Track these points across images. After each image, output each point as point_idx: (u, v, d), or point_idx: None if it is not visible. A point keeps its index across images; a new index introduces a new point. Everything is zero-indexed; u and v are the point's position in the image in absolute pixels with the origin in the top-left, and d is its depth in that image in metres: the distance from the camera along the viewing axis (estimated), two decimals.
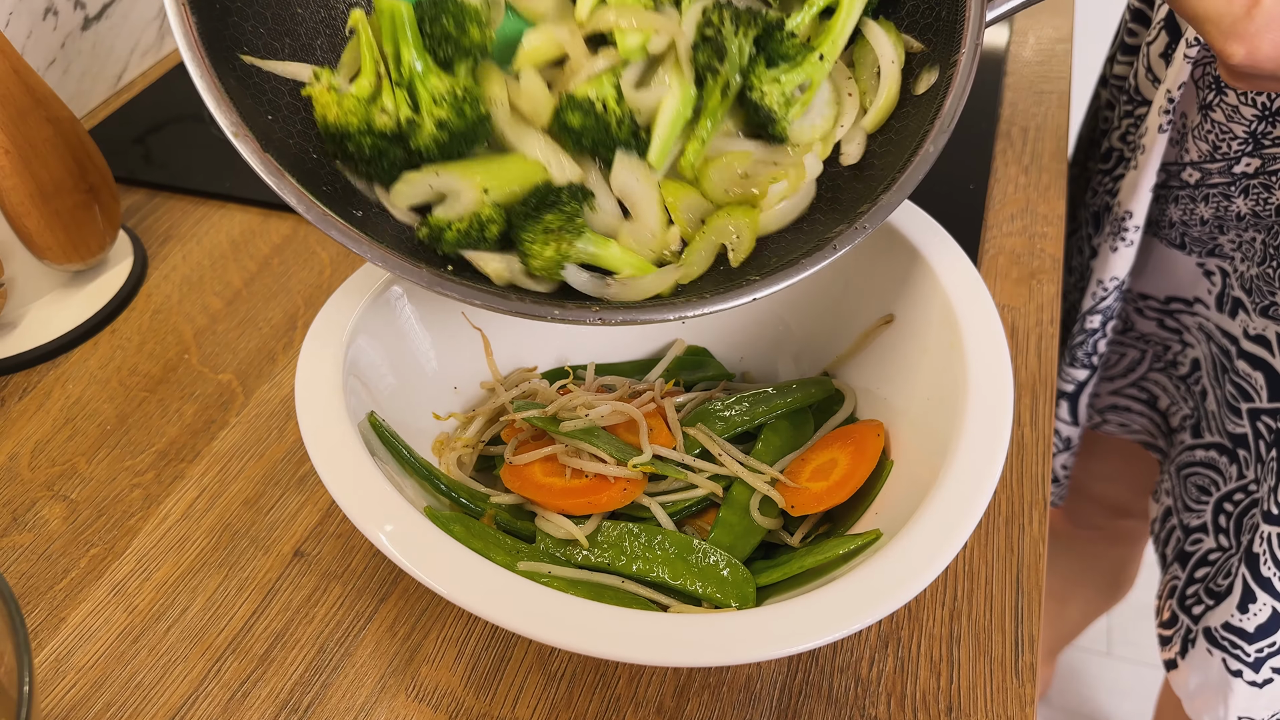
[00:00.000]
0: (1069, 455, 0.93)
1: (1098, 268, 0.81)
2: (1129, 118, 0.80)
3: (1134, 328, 0.86)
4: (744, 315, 0.62)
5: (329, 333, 0.50)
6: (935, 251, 0.53)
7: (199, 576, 0.56)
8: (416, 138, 0.47)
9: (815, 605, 0.39)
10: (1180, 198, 0.75)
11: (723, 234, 0.47)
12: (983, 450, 0.44)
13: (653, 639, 0.38)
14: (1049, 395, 0.64)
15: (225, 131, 0.44)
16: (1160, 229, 0.78)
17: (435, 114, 0.46)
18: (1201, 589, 0.76)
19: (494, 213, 0.47)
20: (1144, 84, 0.77)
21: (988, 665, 0.50)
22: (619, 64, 0.48)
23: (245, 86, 0.46)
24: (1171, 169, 0.75)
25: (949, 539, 0.41)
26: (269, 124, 0.47)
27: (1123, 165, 0.81)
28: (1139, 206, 0.75)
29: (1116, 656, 1.51)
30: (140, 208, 0.84)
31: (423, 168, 0.47)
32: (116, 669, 0.52)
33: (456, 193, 0.47)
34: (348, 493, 0.43)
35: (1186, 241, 0.76)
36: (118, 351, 0.71)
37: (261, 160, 0.44)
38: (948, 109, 0.47)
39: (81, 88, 0.95)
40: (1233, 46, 0.46)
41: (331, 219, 0.45)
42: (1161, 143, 0.72)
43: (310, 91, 0.47)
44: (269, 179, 0.44)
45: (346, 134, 0.47)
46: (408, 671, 0.51)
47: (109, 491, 0.61)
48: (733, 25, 0.47)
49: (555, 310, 0.46)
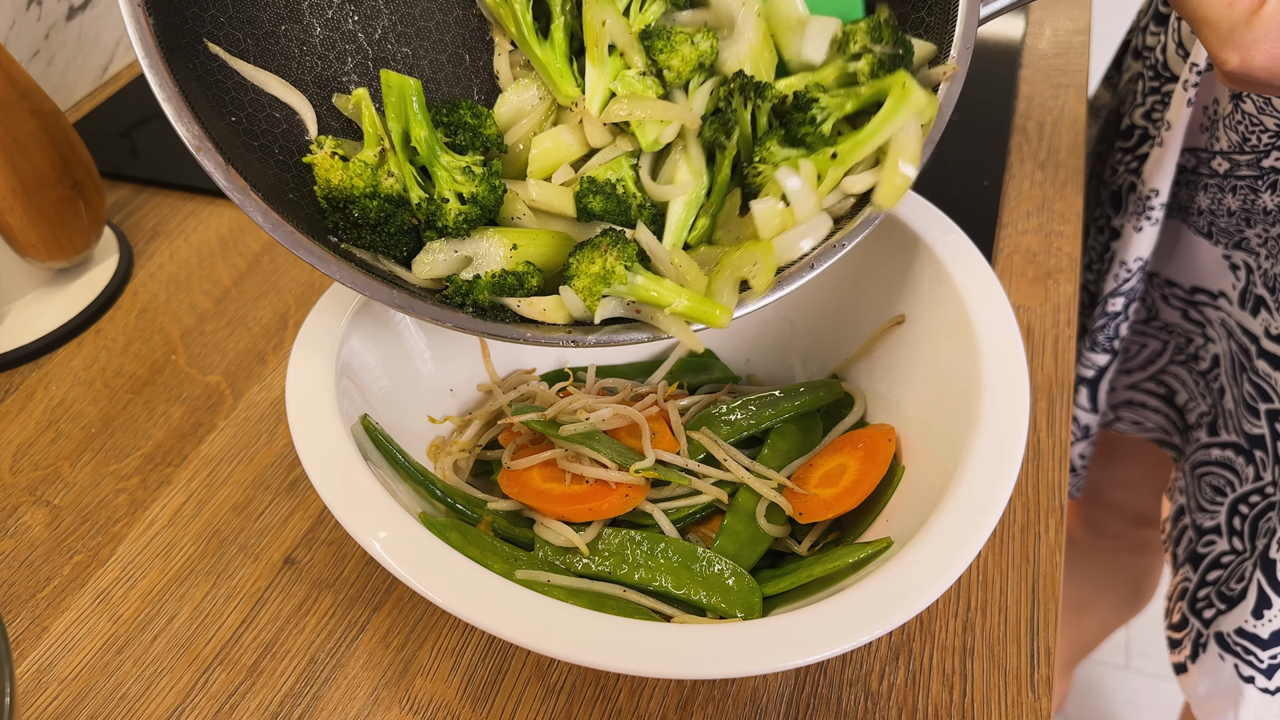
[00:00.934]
0: (1087, 444, 0.93)
1: (1120, 249, 0.81)
2: (1155, 94, 0.80)
3: (1158, 316, 0.86)
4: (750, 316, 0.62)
5: (321, 333, 0.50)
6: (948, 250, 0.53)
7: (186, 585, 0.56)
8: (443, 216, 0.47)
9: (823, 616, 0.39)
10: (1209, 186, 0.75)
11: (739, 269, 0.47)
12: (997, 456, 0.44)
13: (655, 650, 0.38)
14: (1066, 399, 0.63)
15: (186, 143, 0.44)
16: (1189, 215, 0.78)
17: (464, 188, 0.47)
18: (1213, 592, 0.76)
19: (528, 267, 0.47)
20: (1173, 58, 0.77)
21: (1002, 678, 0.50)
22: (635, 149, 0.49)
23: (206, 88, 0.46)
24: (1201, 155, 0.75)
25: (962, 548, 0.41)
26: (231, 128, 0.46)
27: (1147, 143, 0.81)
28: (1164, 184, 0.76)
29: (1135, 670, 1.51)
30: (126, 203, 0.84)
31: (446, 238, 0.48)
32: (100, 680, 0.52)
33: (484, 254, 0.47)
34: (340, 498, 0.43)
35: (1214, 231, 0.76)
36: (102, 352, 0.71)
37: (225, 174, 0.44)
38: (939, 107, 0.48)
39: (66, 80, 0.95)
40: (1228, 53, 0.47)
41: (300, 239, 0.44)
42: (1186, 117, 0.72)
43: (312, 159, 0.47)
44: (234, 195, 0.44)
45: (351, 198, 0.46)
46: (401, 683, 0.51)
47: (93, 497, 0.61)
48: (741, 97, 0.47)
49: (528, 333, 0.47)
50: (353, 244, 0.48)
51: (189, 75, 0.45)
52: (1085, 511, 1.12)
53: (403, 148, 0.47)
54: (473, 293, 0.46)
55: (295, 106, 0.48)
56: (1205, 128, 0.74)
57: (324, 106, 0.49)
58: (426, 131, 0.47)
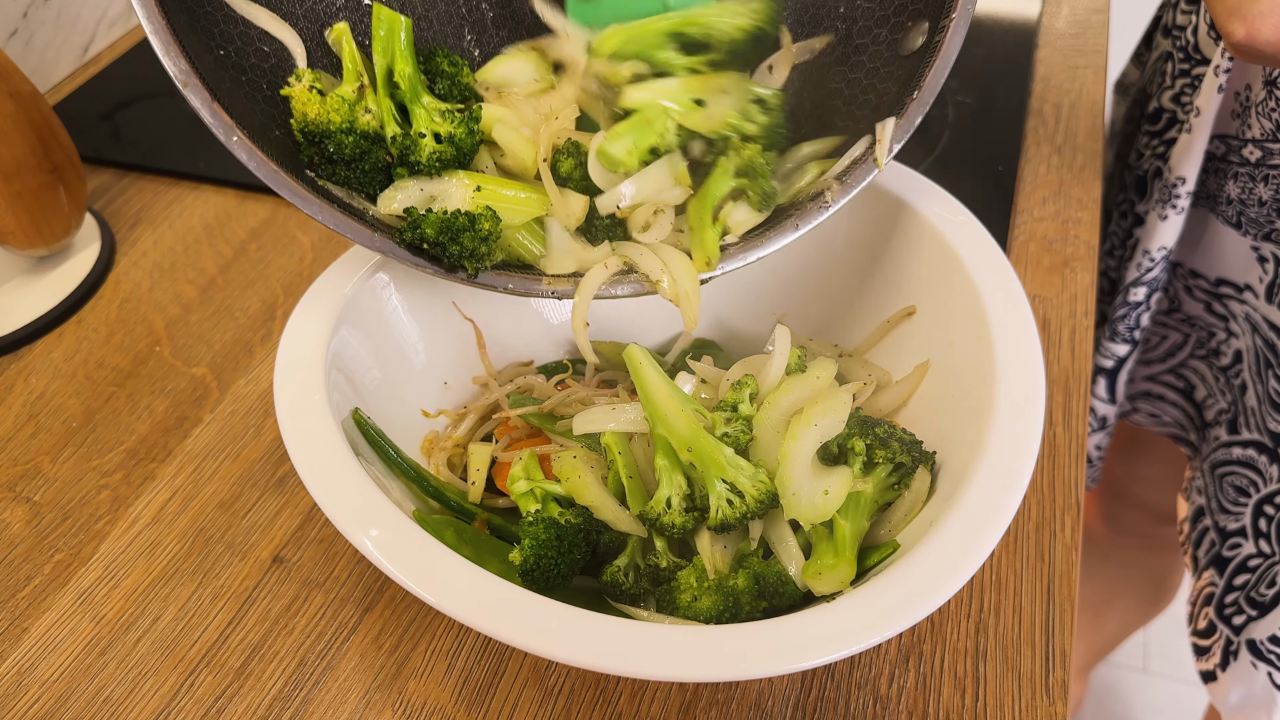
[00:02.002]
0: (1104, 435, 0.93)
1: (1144, 237, 0.81)
2: (1184, 77, 0.79)
3: (1180, 308, 0.86)
4: (757, 305, 0.62)
5: (310, 323, 0.50)
6: (961, 237, 0.53)
7: (171, 584, 0.56)
8: (417, 151, 0.48)
9: (830, 617, 0.39)
10: (1239, 174, 0.74)
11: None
12: (1011, 451, 0.44)
13: (657, 652, 0.38)
14: (1083, 392, 0.63)
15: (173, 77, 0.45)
16: (1217, 204, 0.78)
17: (441, 128, 0.48)
18: (1242, 598, 0.76)
19: (486, 211, 0.48)
20: (1204, 40, 0.77)
21: (1016, 682, 0.50)
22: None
23: (194, 20, 0.47)
24: (1232, 143, 0.74)
25: (974, 547, 0.41)
26: (219, 62, 0.47)
27: (1175, 128, 0.81)
28: (1191, 172, 0.75)
29: (1153, 673, 1.51)
30: (108, 189, 0.84)
31: (417, 175, 0.49)
32: (83, 682, 0.52)
33: (447, 193, 0.49)
34: (330, 495, 0.43)
35: (1243, 221, 0.76)
36: (84, 343, 0.71)
37: (211, 110, 0.45)
38: (929, 81, 0.49)
39: (45, 60, 0.95)
40: (1234, 25, 0.50)
41: (284, 179, 0.46)
42: (1216, 104, 0.72)
43: (289, 92, 0.48)
44: (218, 131, 0.45)
45: (327, 133, 0.47)
46: (394, 686, 0.51)
47: (75, 493, 0.61)
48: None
49: (509, 283, 0.49)
50: (327, 180, 0.49)
51: (177, 7, 0.46)
52: (1106, 507, 1.12)
53: (385, 84, 0.49)
54: (421, 226, 0.47)
55: (285, 41, 0.50)
56: (1236, 114, 0.74)
57: (314, 42, 0.50)
58: (411, 69, 0.49)
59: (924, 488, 0.47)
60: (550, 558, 0.46)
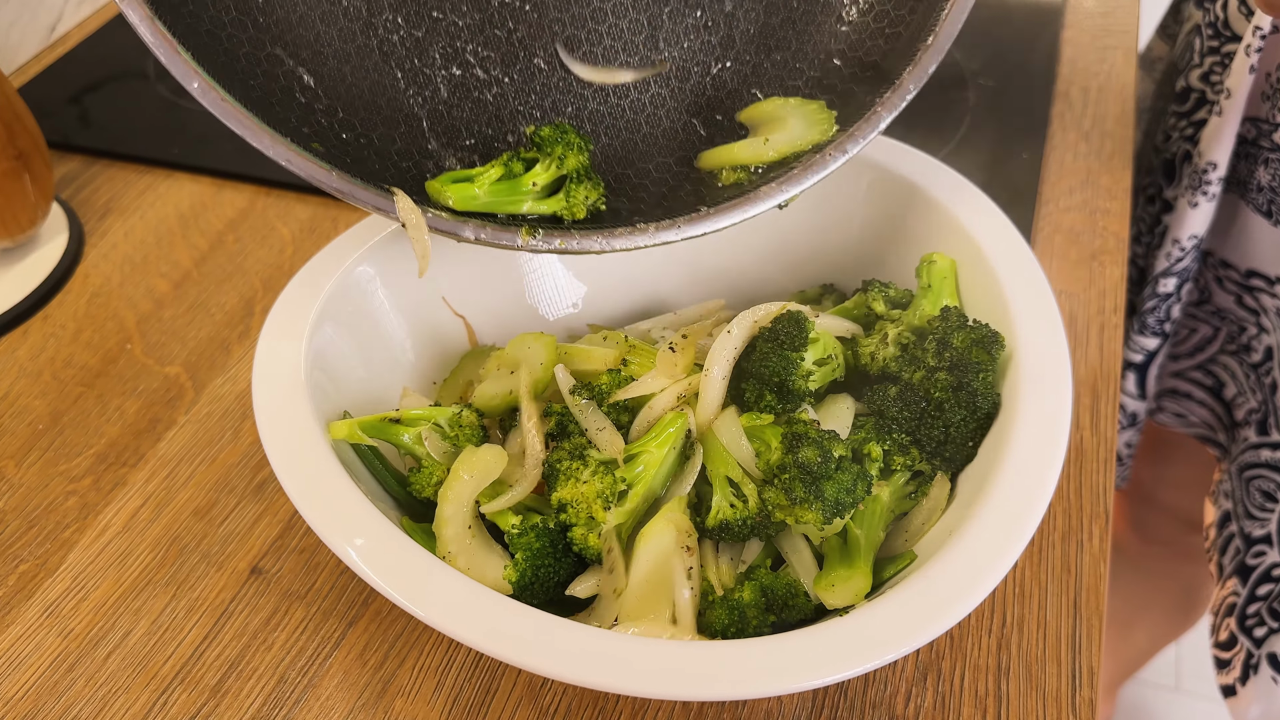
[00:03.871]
0: (1134, 432, 0.93)
1: (1174, 225, 0.80)
2: (1214, 55, 0.79)
3: (1211, 299, 0.86)
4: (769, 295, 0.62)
5: (290, 320, 0.50)
6: (983, 228, 0.53)
7: (143, 596, 0.56)
8: None
9: (843, 632, 0.39)
10: (1270, 160, 0.74)
11: None
12: (1036, 457, 0.44)
13: (659, 669, 0.38)
14: (1112, 393, 0.63)
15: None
16: (1247, 191, 0.78)
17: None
18: (1264, 609, 0.76)
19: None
20: (1235, 16, 0.76)
21: (1040, 701, 0.50)
22: None
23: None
24: (1263, 126, 0.74)
25: (997, 558, 0.41)
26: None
27: (1204, 109, 0.81)
28: (1222, 157, 0.75)
29: (1186, 692, 1.51)
30: (76, 176, 0.84)
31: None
32: (50, 701, 0.52)
33: None
34: (312, 502, 0.43)
35: (1274, 210, 0.76)
36: (50, 340, 0.71)
37: (150, 27, 0.44)
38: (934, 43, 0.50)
39: (9, 41, 0.95)
40: None
41: (230, 108, 0.45)
42: (1248, 85, 0.72)
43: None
44: (159, 51, 0.45)
45: None
46: (380, 705, 0.51)
47: (41, 499, 0.61)
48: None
49: (482, 232, 0.49)
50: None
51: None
52: (1133, 514, 1.12)
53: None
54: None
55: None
56: (1267, 96, 0.74)
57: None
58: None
59: (943, 495, 0.47)
60: (548, 566, 0.46)
